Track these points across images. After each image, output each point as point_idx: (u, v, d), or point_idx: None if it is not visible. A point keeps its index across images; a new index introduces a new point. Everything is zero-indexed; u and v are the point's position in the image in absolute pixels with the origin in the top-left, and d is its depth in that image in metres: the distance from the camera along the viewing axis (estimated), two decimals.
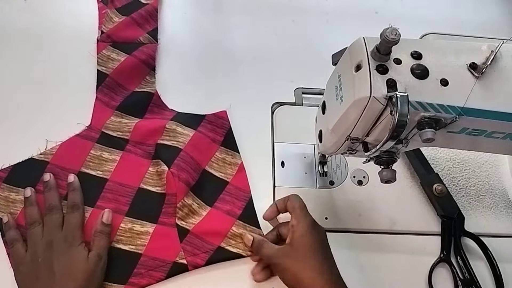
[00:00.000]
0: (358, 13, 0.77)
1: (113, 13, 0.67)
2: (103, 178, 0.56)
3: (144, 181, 0.57)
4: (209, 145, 0.60)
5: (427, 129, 0.40)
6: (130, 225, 0.54)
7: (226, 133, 0.61)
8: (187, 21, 0.72)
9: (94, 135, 0.59)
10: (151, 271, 0.51)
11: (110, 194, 0.55)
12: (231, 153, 0.60)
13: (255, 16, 0.74)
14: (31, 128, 0.59)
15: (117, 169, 0.57)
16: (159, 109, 0.62)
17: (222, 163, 0.59)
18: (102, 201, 0.55)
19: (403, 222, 0.59)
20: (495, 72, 0.41)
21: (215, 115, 0.62)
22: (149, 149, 0.58)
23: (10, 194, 0.54)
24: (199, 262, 0.52)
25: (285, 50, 0.71)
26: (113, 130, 0.59)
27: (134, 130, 0.59)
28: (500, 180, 0.64)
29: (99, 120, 0.60)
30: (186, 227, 0.54)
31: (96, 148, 0.58)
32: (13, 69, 0.63)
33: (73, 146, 0.57)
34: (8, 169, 0.55)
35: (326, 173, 0.60)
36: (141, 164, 0.58)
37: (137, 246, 0.53)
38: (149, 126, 0.59)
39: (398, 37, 0.38)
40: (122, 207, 0.55)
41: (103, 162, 0.57)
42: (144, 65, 0.65)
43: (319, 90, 0.67)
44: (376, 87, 0.39)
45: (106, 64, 0.63)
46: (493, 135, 0.42)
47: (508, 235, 0.60)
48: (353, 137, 0.45)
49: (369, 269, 0.55)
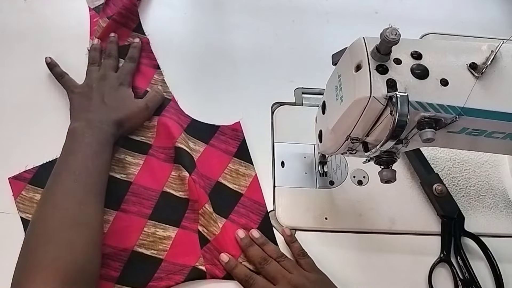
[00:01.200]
0: (358, 13, 0.77)
1: (104, 21, 0.66)
2: (127, 181, 0.56)
3: (167, 185, 0.57)
4: (222, 157, 0.60)
5: (427, 129, 0.40)
6: (153, 230, 0.54)
7: (239, 144, 0.61)
8: (187, 21, 0.72)
9: (119, 140, 0.58)
10: (170, 275, 0.51)
11: (134, 197, 0.55)
12: (245, 164, 0.60)
13: (255, 16, 0.74)
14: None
15: (141, 173, 0.57)
16: (176, 111, 0.62)
17: (235, 174, 0.59)
18: (126, 204, 0.55)
19: (403, 222, 0.59)
20: (495, 72, 0.41)
21: (229, 127, 0.62)
22: (170, 152, 0.58)
23: (35, 195, 0.54)
24: (218, 273, 0.52)
25: (285, 50, 0.71)
26: (136, 134, 0.59)
27: (157, 135, 0.59)
28: (500, 180, 0.64)
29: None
30: (207, 236, 0.54)
31: (119, 152, 0.58)
32: (13, 69, 0.63)
33: None
34: (33, 170, 0.55)
35: (326, 173, 0.60)
36: (164, 168, 0.58)
37: (159, 251, 0.53)
38: (170, 130, 0.59)
39: (398, 37, 0.38)
40: (145, 211, 0.55)
41: (126, 165, 0.57)
42: (148, 67, 0.65)
43: (319, 90, 0.67)
44: (376, 87, 0.39)
45: None
46: (493, 135, 0.42)
47: (508, 235, 0.60)
48: (353, 137, 0.45)
49: (369, 269, 0.55)
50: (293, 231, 0.56)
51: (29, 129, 0.59)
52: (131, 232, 0.53)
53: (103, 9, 0.68)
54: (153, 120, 0.61)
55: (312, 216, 0.57)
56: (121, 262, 0.51)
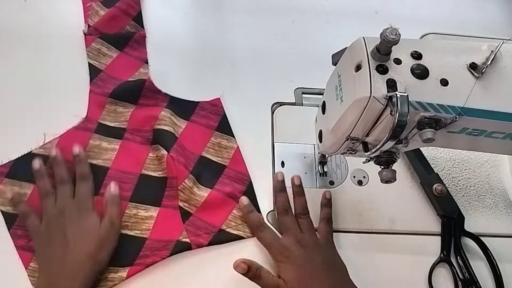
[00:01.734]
0: (358, 13, 0.77)
1: (98, 6, 0.67)
2: (104, 167, 0.57)
3: (145, 167, 0.57)
4: (203, 132, 0.61)
5: (427, 129, 0.40)
6: (134, 211, 0.55)
7: (220, 119, 0.62)
8: (187, 21, 0.72)
9: (91, 126, 0.59)
10: (155, 251, 0.52)
11: (112, 182, 0.56)
12: (226, 137, 0.61)
13: (255, 16, 0.74)
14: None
15: (117, 158, 0.58)
16: (153, 94, 0.63)
17: (218, 148, 0.60)
18: (105, 189, 0.55)
19: (403, 222, 0.59)
20: (495, 72, 0.41)
21: (209, 103, 0.63)
22: (147, 135, 0.59)
23: (13, 188, 0.54)
24: (202, 241, 0.53)
25: (285, 50, 0.71)
26: (110, 120, 0.60)
27: (131, 118, 0.60)
28: (500, 180, 0.64)
29: (95, 111, 0.60)
30: (189, 210, 0.55)
31: (94, 138, 0.58)
32: (13, 69, 0.63)
33: (72, 138, 0.58)
34: (9, 164, 0.55)
35: (326, 173, 0.60)
36: (141, 151, 0.58)
37: (142, 231, 0.54)
38: (145, 113, 0.60)
39: (398, 37, 0.38)
40: (125, 193, 0.56)
41: (102, 151, 0.58)
42: (137, 60, 0.66)
43: (319, 90, 0.67)
44: (376, 87, 0.39)
45: (98, 59, 0.64)
46: (493, 135, 0.42)
47: (508, 235, 0.60)
48: (353, 137, 0.45)
49: (369, 269, 0.55)
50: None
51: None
52: None
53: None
54: (127, 107, 0.61)
55: (312, 216, 0.57)
56: None
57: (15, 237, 0.52)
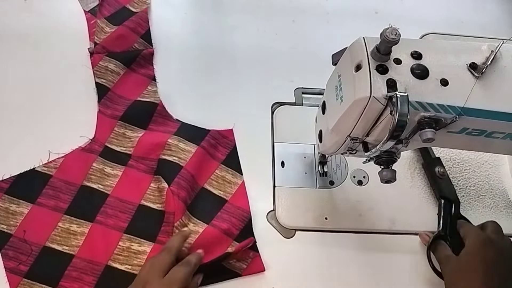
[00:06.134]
0: (358, 13, 0.77)
1: (103, 22, 0.67)
2: (104, 193, 0.55)
3: (145, 198, 0.56)
4: (209, 163, 0.59)
5: (427, 129, 0.40)
6: (128, 244, 0.53)
7: (229, 152, 0.60)
8: (187, 21, 0.72)
9: (97, 148, 0.58)
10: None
11: (110, 210, 0.55)
12: (232, 172, 0.59)
13: (255, 16, 0.74)
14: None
15: (118, 185, 0.56)
16: (164, 119, 0.62)
17: (221, 181, 0.58)
18: (102, 216, 0.54)
19: (403, 222, 0.59)
20: (495, 72, 0.41)
21: (220, 133, 0.61)
22: (151, 164, 0.58)
23: (11, 205, 0.53)
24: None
25: (285, 50, 0.71)
26: (116, 144, 0.59)
27: (138, 145, 0.59)
28: (500, 180, 0.64)
29: (103, 133, 0.59)
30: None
31: (98, 161, 0.57)
32: (13, 69, 0.63)
33: (76, 160, 0.57)
34: (10, 180, 0.55)
35: (326, 173, 0.60)
36: (143, 179, 0.57)
37: (133, 266, 0.52)
38: (152, 140, 0.59)
39: (398, 37, 0.38)
40: (121, 224, 0.54)
41: (105, 176, 0.57)
42: (144, 77, 0.65)
43: (319, 90, 0.67)
44: (376, 87, 0.39)
45: (105, 77, 0.62)
46: (493, 135, 0.42)
47: (508, 235, 0.60)
48: (353, 137, 0.45)
49: (369, 269, 0.55)
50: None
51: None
52: (106, 246, 0.53)
53: (99, 9, 0.68)
54: (136, 131, 0.60)
55: (312, 216, 0.57)
56: (94, 277, 0.51)
57: (6, 258, 0.50)
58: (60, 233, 0.53)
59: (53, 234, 0.52)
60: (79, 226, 0.53)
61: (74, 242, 0.52)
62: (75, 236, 0.53)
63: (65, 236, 0.53)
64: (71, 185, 0.55)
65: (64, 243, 0.52)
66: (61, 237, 0.52)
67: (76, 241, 0.52)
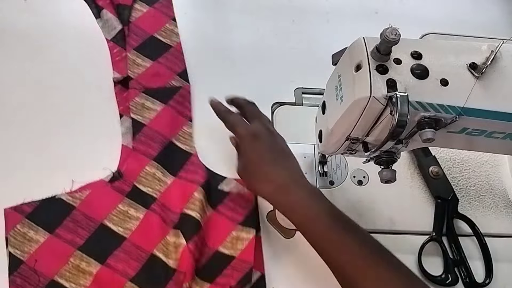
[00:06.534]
0: (358, 13, 0.77)
1: (134, 54, 0.65)
2: (122, 236, 0.53)
3: (158, 247, 0.53)
4: (226, 225, 0.56)
5: (427, 129, 0.40)
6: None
7: (247, 212, 0.57)
8: (187, 21, 0.72)
9: (126, 189, 0.56)
10: None
11: (123, 255, 0.52)
12: (247, 229, 0.56)
13: (255, 16, 0.74)
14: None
15: (138, 229, 0.54)
16: (195, 168, 0.59)
17: (235, 241, 0.55)
18: (112, 260, 0.52)
19: (403, 222, 0.59)
20: (495, 72, 0.41)
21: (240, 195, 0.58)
22: (173, 217, 0.55)
23: (29, 231, 0.51)
24: None
25: (285, 50, 0.71)
26: (144, 184, 0.57)
27: (164, 193, 0.56)
28: (500, 180, 0.64)
29: (133, 171, 0.57)
30: None
31: (124, 203, 0.55)
32: (13, 70, 0.63)
33: (103, 195, 0.55)
34: (33, 204, 0.52)
35: (326, 173, 0.60)
36: (162, 228, 0.54)
37: None
38: (179, 192, 0.56)
39: (398, 37, 0.38)
40: (129, 271, 0.51)
41: (127, 218, 0.54)
42: (181, 116, 0.63)
43: (319, 90, 0.67)
44: (376, 87, 0.39)
45: (142, 113, 0.61)
46: (493, 135, 0.42)
47: (508, 235, 0.60)
48: (353, 137, 0.45)
49: None
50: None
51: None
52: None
53: (125, 41, 0.66)
54: (166, 176, 0.58)
55: None
56: None
57: (13, 285, 0.48)
58: (70, 269, 0.51)
59: (63, 269, 0.50)
60: (88, 264, 0.51)
61: (82, 281, 0.50)
62: (84, 275, 0.51)
63: (74, 273, 0.50)
64: (91, 221, 0.53)
65: (73, 280, 0.50)
66: (71, 273, 0.50)
67: (84, 281, 0.50)
